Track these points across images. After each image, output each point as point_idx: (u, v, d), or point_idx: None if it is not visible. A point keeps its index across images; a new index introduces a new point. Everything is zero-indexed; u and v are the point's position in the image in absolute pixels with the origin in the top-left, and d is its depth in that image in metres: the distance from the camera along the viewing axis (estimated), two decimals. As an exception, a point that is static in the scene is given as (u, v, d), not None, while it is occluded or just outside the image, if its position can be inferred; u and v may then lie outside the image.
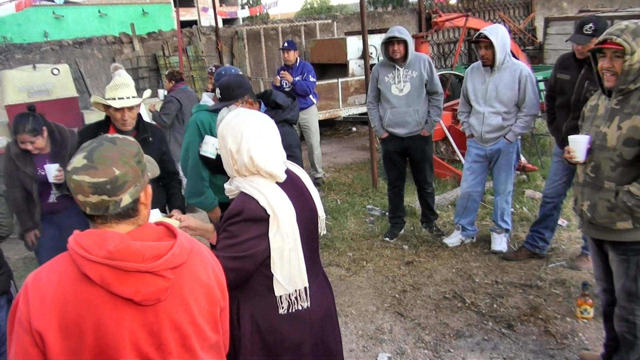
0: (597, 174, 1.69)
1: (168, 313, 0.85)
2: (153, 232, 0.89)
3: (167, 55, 7.00)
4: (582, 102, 2.51)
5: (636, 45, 1.56)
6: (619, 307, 1.76)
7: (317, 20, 8.31)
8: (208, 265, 0.95)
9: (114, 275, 0.80)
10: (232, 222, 1.21)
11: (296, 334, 1.29)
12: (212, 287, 0.93)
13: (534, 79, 2.81)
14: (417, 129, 3.14)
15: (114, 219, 0.85)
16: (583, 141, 1.72)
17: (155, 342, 0.85)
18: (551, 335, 2.26)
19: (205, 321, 0.92)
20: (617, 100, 1.66)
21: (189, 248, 0.89)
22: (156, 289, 0.82)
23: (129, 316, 0.82)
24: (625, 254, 1.69)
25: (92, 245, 0.80)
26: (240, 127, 1.23)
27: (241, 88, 1.85)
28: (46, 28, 10.97)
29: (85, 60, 6.71)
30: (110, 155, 0.84)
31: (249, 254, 1.20)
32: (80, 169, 0.83)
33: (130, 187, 0.86)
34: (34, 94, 4.80)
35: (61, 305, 0.80)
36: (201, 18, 11.32)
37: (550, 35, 6.88)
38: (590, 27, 2.39)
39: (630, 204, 1.59)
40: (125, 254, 0.80)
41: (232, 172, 1.26)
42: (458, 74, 6.22)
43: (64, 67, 5.19)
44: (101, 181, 0.83)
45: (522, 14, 9.63)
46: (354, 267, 3.07)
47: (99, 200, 0.83)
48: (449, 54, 8.86)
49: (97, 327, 0.80)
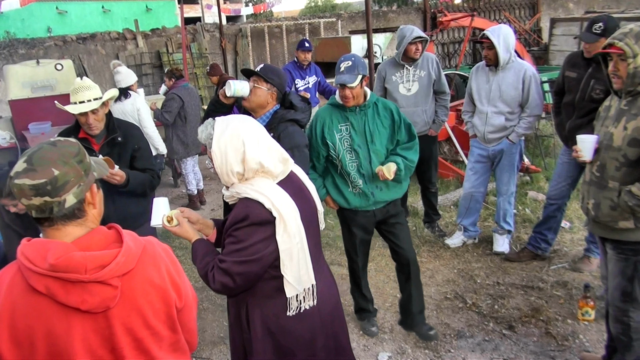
0: (602, 173, 1.71)
1: (119, 318, 0.85)
2: (102, 238, 0.87)
3: (171, 52, 7.00)
4: (587, 101, 2.51)
5: (638, 48, 1.57)
6: (613, 307, 1.77)
7: (321, 18, 8.29)
8: (162, 266, 0.94)
9: (59, 285, 0.80)
10: (237, 227, 1.22)
11: (308, 331, 1.30)
12: (166, 289, 0.93)
13: (538, 79, 2.79)
14: (425, 128, 3.14)
15: (60, 221, 0.85)
16: (590, 141, 1.74)
17: (108, 345, 0.85)
18: (552, 336, 2.26)
19: (161, 322, 0.92)
20: (626, 101, 1.67)
21: (137, 253, 0.88)
22: (103, 297, 0.82)
23: (79, 323, 0.82)
24: (624, 253, 1.71)
25: (35, 256, 0.80)
26: (239, 137, 1.22)
27: (276, 76, 1.87)
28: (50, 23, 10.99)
29: (88, 56, 6.72)
30: (48, 157, 0.84)
31: (256, 257, 1.21)
32: (20, 173, 0.83)
33: (72, 187, 0.85)
34: (37, 90, 4.82)
35: (10, 315, 0.80)
36: (205, 15, 11.31)
37: (555, 36, 6.83)
38: (599, 26, 2.38)
39: (631, 204, 1.61)
40: (66, 266, 0.79)
41: (232, 181, 1.26)
42: (463, 74, 6.19)
43: (68, 62, 5.20)
44: (41, 182, 0.82)
45: (528, 15, 9.58)
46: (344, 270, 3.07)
47: (42, 202, 0.83)
48: (454, 54, 8.82)
49: (48, 336, 0.81)
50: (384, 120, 2.07)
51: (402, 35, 3.05)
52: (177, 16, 11.92)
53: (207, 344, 2.44)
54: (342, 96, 2.02)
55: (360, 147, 2.05)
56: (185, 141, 4.18)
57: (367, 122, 2.05)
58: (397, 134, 2.09)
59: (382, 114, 2.07)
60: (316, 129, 2.09)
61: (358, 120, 2.05)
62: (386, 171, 1.99)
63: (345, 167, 2.07)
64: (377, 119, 2.06)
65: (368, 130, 2.05)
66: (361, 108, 2.05)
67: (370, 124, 2.05)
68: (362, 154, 2.05)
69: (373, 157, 2.06)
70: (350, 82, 1.94)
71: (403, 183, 2.17)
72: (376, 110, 2.07)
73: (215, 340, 2.46)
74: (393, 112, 2.08)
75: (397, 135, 2.10)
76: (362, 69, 1.98)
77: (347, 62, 1.98)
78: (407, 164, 2.08)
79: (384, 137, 2.07)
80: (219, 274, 1.24)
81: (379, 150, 2.07)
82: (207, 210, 4.31)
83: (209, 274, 1.25)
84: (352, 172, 2.08)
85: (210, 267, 1.26)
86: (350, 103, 2.02)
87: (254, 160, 1.22)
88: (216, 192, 4.82)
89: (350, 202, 2.13)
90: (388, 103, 2.13)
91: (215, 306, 2.75)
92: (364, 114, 2.05)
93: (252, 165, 1.23)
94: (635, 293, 1.70)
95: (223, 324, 2.59)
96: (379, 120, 2.06)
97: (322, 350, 1.32)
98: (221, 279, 1.23)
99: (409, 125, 2.12)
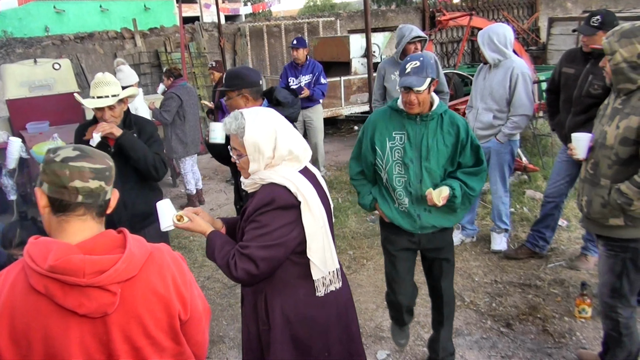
0: (596, 171, 1.73)
1: (118, 325, 0.85)
2: (107, 241, 0.87)
3: (169, 52, 6.99)
4: (585, 97, 2.52)
5: (619, 45, 1.59)
6: (602, 303, 1.80)
7: (320, 17, 8.29)
8: (168, 275, 0.92)
9: (58, 287, 0.80)
10: (262, 212, 1.22)
11: (325, 321, 1.31)
12: (169, 299, 0.91)
13: (527, 78, 2.75)
14: None
15: (93, 210, 0.88)
16: (584, 139, 1.76)
17: (105, 351, 0.85)
18: (549, 334, 2.28)
19: (163, 332, 0.90)
20: (621, 100, 1.68)
21: (141, 260, 0.87)
22: (101, 303, 0.82)
23: (77, 326, 0.82)
24: (614, 250, 1.73)
25: (38, 255, 0.81)
26: (271, 125, 1.25)
27: (237, 79, 1.85)
28: (47, 22, 10.95)
29: (86, 55, 6.70)
30: (97, 152, 0.91)
31: (280, 242, 1.21)
32: (75, 157, 0.86)
33: (112, 182, 0.91)
34: (35, 89, 4.81)
35: (10, 313, 0.80)
36: (203, 14, 11.29)
37: (553, 35, 6.85)
38: (597, 19, 2.42)
39: (620, 202, 1.63)
40: (64, 268, 0.79)
41: (260, 168, 1.25)
42: (461, 74, 6.20)
43: (66, 62, 5.19)
44: (102, 167, 0.88)
45: (526, 14, 9.60)
46: (354, 265, 3.08)
47: (98, 186, 0.86)
48: (452, 53, 8.84)
49: (45, 336, 0.81)
50: (447, 136, 1.75)
51: (401, 35, 3.05)
52: (175, 15, 11.89)
53: (206, 343, 2.44)
54: (405, 102, 1.71)
55: (412, 162, 1.75)
56: (185, 140, 4.17)
57: (427, 135, 1.74)
58: (460, 155, 1.76)
59: (446, 129, 1.75)
60: (367, 133, 1.83)
61: (416, 131, 1.74)
62: (435, 196, 1.69)
63: (392, 181, 1.79)
64: (439, 133, 1.74)
65: (425, 145, 1.74)
66: (423, 118, 1.74)
67: (430, 138, 1.74)
68: (412, 170, 1.75)
69: (425, 176, 1.75)
70: (417, 86, 1.65)
71: (458, 212, 1.83)
72: (440, 123, 1.75)
73: (214, 340, 2.47)
74: (460, 129, 1.75)
75: (460, 157, 1.77)
76: (431, 71, 1.69)
77: (414, 62, 1.69)
78: (467, 192, 1.76)
79: (443, 156, 1.75)
80: (242, 260, 1.21)
81: (434, 170, 1.75)
82: (206, 210, 4.31)
83: (230, 262, 1.22)
84: (398, 188, 1.79)
85: (232, 255, 1.23)
86: (414, 110, 1.71)
87: (285, 147, 1.24)
88: (215, 191, 4.82)
89: (395, 219, 1.84)
90: (456, 117, 1.79)
91: (215, 305, 2.76)
92: (424, 125, 1.74)
93: (283, 151, 1.24)
94: (624, 290, 1.72)
95: (222, 323, 2.60)
96: (440, 135, 1.74)
97: (336, 343, 1.34)
98: (244, 266, 1.20)
99: (477, 147, 1.79)
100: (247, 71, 1.93)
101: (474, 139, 1.79)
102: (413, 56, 1.74)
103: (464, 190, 1.75)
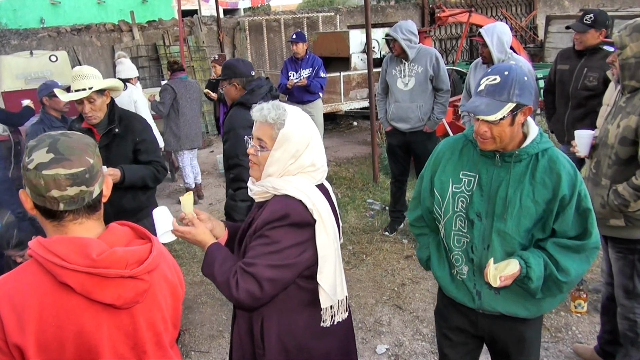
0: (597, 170, 1.72)
1: (143, 313, 0.86)
2: (122, 235, 0.87)
3: (168, 45, 6.93)
4: (581, 89, 2.54)
5: (629, 40, 1.58)
6: (619, 305, 1.79)
7: (320, 12, 8.24)
8: (170, 262, 0.96)
9: (95, 282, 0.79)
10: (274, 227, 1.09)
11: (325, 352, 1.20)
12: (176, 285, 0.95)
13: (534, 76, 2.83)
14: (419, 124, 3.14)
15: (84, 214, 0.82)
16: (586, 136, 1.75)
17: (130, 342, 0.85)
18: (546, 328, 2.30)
19: (170, 318, 0.94)
20: (625, 98, 1.67)
21: (161, 249, 0.90)
22: (136, 292, 0.83)
23: (106, 320, 0.82)
24: (621, 251, 1.72)
25: (70, 253, 0.78)
26: (310, 129, 1.14)
27: (228, 69, 2.08)
28: (42, 14, 10.79)
29: (83, 47, 6.63)
30: (76, 146, 0.81)
31: (290, 262, 1.09)
32: (48, 163, 0.78)
33: (99, 177, 0.84)
34: (31, 81, 4.75)
35: (39, 317, 0.77)
36: (202, 8, 11.18)
37: (551, 33, 6.87)
38: (590, 17, 2.47)
39: (616, 203, 1.61)
40: (109, 261, 0.79)
41: (279, 171, 1.13)
42: (460, 70, 6.21)
43: (62, 54, 5.14)
44: (79, 171, 0.79)
45: (525, 12, 9.61)
46: (353, 260, 3.10)
47: (78, 191, 0.80)
48: (451, 50, 8.84)
49: (78, 334, 0.80)
50: (540, 188, 1.18)
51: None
52: (173, 8, 11.76)
53: (205, 338, 2.45)
54: (476, 133, 1.21)
55: (479, 218, 1.23)
56: (178, 134, 4.14)
57: (508, 182, 1.20)
58: (557, 218, 1.19)
59: (539, 178, 1.18)
60: (428, 168, 1.37)
61: (492, 175, 1.22)
62: (492, 275, 1.16)
63: (449, 238, 1.30)
64: (528, 183, 1.19)
65: (502, 197, 1.19)
66: (506, 157, 1.20)
67: (512, 187, 1.19)
68: (478, 230, 1.24)
69: (495, 240, 1.21)
70: (486, 113, 1.13)
71: (540, 300, 1.25)
72: (533, 167, 1.19)
73: (213, 334, 2.48)
74: (562, 179, 1.17)
75: (557, 222, 1.19)
76: (518, 92, 1.13)
77: (492, 77, 1.16)
78: (554, 275, 1.18)
79: (528, 216, 1.19)
80: (245, 279, 1.07)
81: (510, 234, 1.20)
82: (205, 205, 4.31)
83: (230, 280, 1.08)
84: (455, 251, 1.29)
85: (233, 273, 1.09)
86: (487, 146, 1.19)
87: (309, 157, 1.12)
88: (214, 186, 4.81)
89: (447, 288, 1.35)
90: (560, 161, 1.20)
91: (214, 300, 2.76)
92: (506, 169, 1.20)
93: (305, 161, 1.12)
94: (637, 289, 1.71)
95: (222, 318, 2.61)
96: (529, 185, 1.19)
97: None
98: (247, 286, 1.07)
99: (587, 211, 1.20)
100: (238, 62, 2.12)
101: (583, 198, 1.19)
102: (498, 67, 1.19)
103: (549, 271, 1.17)
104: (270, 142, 1.13)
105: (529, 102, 1.17)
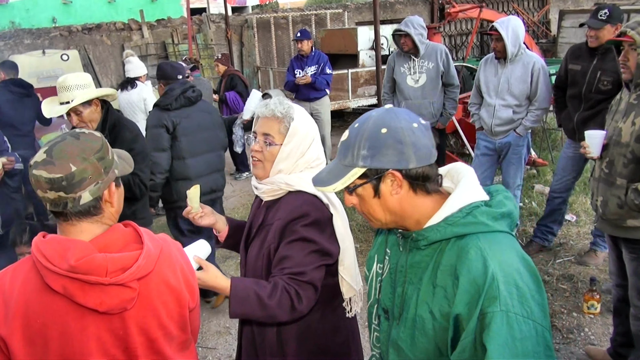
0: (611, 170, 1.68)
1: (134, 319, 0.85)
2: (120, 237, 0.85)
3: (177, 43, 6.98)
4: (595, 93, 2.50)
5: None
6: (633, 306, 1.75)
7: (327, 9, 8.20)
8: (177, 267, 0.92)
9: (77, 286, 0.78)
10: (302, 225, 1.05)
11: (340, 347, 1.20)
12: (181, 290, 0.91)
13: (547, 71, 2.76)
14: (432, 121, 3.12)
15: (74, 217, 0.83)
16: (598, 136, 1.71)
17: (122, 345, 0.85)
18: (557, 329, 2.27)
19: (174, 322, 0.91)
20: (635, 95, 1.63)
21: (156, 254, 0.86)
22: (121, 299, 0.81)
23: (94, 323, 0.81)
24: (635, 252, 1.68)
25: (54, 255, 0.78)
26: (313, 124, 1.15)
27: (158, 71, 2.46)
28: (54, 13, 10.97)
29: (94, 46, 6.71)
30: (69, 151, 0.81)
31: (326, 260, 1.07)
32: (39, 163, 0.81)
33: (89, 184, 0.82)
34: (43, 80, 4.84)
35: (24, 313, 0.78)
36: (210, 6, 11.23)
37: (564, 28, 6.73)
38: (605, 12, 2.42)
39: (637, 202, 1.57)
40: (87, 268, 0.77)
41: (287, 167, 1.10)
42: (470, 66, 6.13)
43: (74, 52, 5.22)
44: (57, 177, 0.80)
45: (537, 6, 9.43)
46: (361, 258, 3.08)
47: (56, 196, 0.81)
48: (461, 46, 8.72)
49: (62, 335, 0.79)
50: (440, 295, 0.77)
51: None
52: (182, 7, 11.83)
53: (212, 334, 2.46)
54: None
55: (386, 316, 0.89)
56: None
57: (405, 275, 0.84)
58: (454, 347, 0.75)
59: (441, 278, 0.77)
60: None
61: (397, 262, 0.87)
62: None
63: (370, 332, 0.97)
64: (429, 281, 0.79)
65: (399, 293, 0.85)
66: (412, 240, 0.82)
67: (409, 284, 0.83)
68: (384, 331, 0.89)
69: (392, 355, 0.85)
70: (323, 184, 0.82)
71: None
72: (438, 260, 0.79)
73: (220, 330, 2.49)
74: (459, 286, 0.74)
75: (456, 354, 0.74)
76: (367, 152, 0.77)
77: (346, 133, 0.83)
78: None
79: (423, 332, 0.79)
80: (305, 290, 1.03)
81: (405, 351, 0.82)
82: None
83: (293, 298, 1.01)
84: (374, 351, 0.96)
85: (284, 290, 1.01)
86: (373, 224, 0.85)
87: (315, 151, 1.13)
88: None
89: None
90: (469, 257, 0.74)
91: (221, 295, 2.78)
92: (414, 253, 0.83)
93: (312, 155, 1.12)
94: None
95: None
96: (431, 286, 0.79)
97: None
98: (308, 294, 1.03)
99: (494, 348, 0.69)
100: (166, 66, 2.45)
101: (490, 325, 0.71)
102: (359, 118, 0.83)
103: None
104: (279, 137, 1.08)
105: (393, 164, 0.76)
